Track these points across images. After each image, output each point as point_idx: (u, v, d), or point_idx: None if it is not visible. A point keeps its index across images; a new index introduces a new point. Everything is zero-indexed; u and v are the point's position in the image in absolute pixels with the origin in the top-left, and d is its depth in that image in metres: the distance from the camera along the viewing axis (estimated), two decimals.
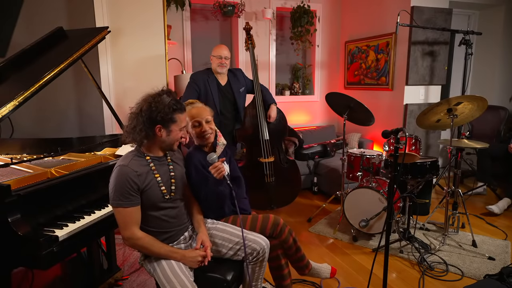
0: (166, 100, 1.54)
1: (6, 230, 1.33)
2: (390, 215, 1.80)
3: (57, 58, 2.08)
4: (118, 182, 1.49)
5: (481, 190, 4.03)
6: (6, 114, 1.71)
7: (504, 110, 4.42)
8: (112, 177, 1.52)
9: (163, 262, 1.57)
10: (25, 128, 3.06)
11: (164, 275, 1.53)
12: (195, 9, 4.23)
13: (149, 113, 1.53)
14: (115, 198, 1.49)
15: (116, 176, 1.50)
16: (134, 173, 1.51)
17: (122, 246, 2.86)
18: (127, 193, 1.49)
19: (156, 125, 1.54)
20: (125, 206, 1.49)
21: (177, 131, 1.59)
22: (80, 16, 3.24)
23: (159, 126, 1.54)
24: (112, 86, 3.09)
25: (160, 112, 1.52)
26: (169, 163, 1.68)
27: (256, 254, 1.74)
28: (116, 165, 1.54)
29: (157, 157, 1.63)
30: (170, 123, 1.55)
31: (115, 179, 1.50)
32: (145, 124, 1.53)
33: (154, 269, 1.58)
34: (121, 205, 1.49)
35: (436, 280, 2.38)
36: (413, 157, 2.74)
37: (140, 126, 1.54)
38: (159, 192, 1.59)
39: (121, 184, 1.48)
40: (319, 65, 4.98)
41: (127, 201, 1.49)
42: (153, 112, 1.52)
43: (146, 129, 1.54)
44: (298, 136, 4.09)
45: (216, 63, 2.95)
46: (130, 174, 1.50)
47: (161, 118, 1.52)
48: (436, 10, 3.87)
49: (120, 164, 1.53)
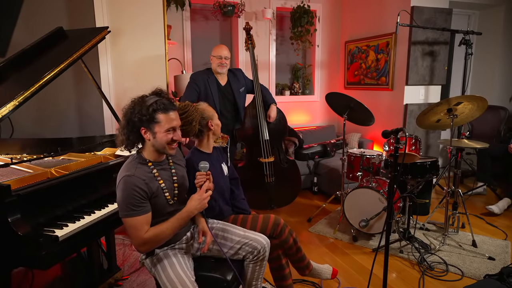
0: (150, 101, 1.48)
1: (6, 230, 1.32)
2: (390, 215, 1.80)
3: (57, 58, 2.07)
4: (126, 193, 1.43)
5: (481, 190, 4.03)
6: (6, 114, 1.70)
7: (504, 110, 4.42)
8: (119, 189, 1.46)
9: (164, 261, 1.57)
10: (25, 128, 3.06)
11: (166, 274, 1.53)
12: (195, 9, 4.23)
13: (129, 115, 1.49)
14: (125, 209, 1.43)
15: (123, 188, 1.44)
16: (141, 181, 1.46)
17: (122, 246, 2.86)
18: (137, 202, 1.44)
19: (139, 128, 1.48)
20: (136, 216, 1.44)
21: (162, 133, 1.48)
22: (80, 16, 3.24)
23: (144, 129, 1.48)
24: (112, 86, 3.09)
25: (137, 113, 1.46)
26: (171, 167, 1.64)
27: (257, 252, 1.74)
28: (121, 176, 1.47)
29: (159, 162, 1.59)
30: (152, 124, 1.48)
31: (123, 191, 1.44)
32: (127, 126, 1.49)
33: (156, 268, 1.58)
34: (133, 215, 1.43)
35: (436, 280, 2.38)
36: (413, 157, 2.74)
37: (124, 129, 1.50)
38: (163, 198, 1.55)
39: (129, 195, 1.43)
40: (319, 65, 4.98)
41: (138, 210, 1.44)
42: (132, 113, 1.47)
43: (129, 132, 1.49)
44: (298, 136, 4.09)
45: (216, 63, 2.95)
46: (137, 183, 1.45)
47: (138, 119, 1.46)
48: (436, 10, 3.87)
49: (126, 174, 1.46)
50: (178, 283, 1.48)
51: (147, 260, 1.63)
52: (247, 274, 1.79)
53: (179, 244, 1.68)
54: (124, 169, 1.51)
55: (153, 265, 1.60)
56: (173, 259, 1.58)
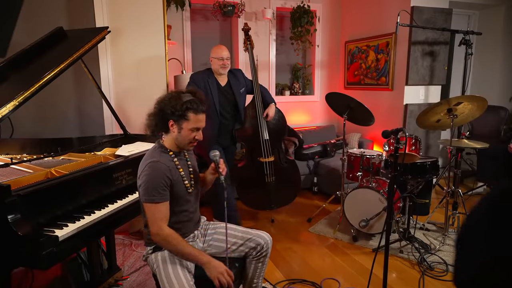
0: (185, 98, 1.58)
1: (6, 230, 1.32)
2: (390, 215, 1.81)
3: (57, 58, 2.07)
4: (153, 177, 1.51)
5: (481, 190, 4.03)
6: (6, 114, 1.70)
7: (504, 110, 4.42)
8: (145, 174, 1.53)
9: (168, 262, 1.58)
10: (25, 128, 3.06)
11: (166, 274, 1.54)
12: (195, 9, 4.23)
13: (163, 105, 1.58)
14: (148, 194, 1.51)
15: (150, 172, 1.52)
16: (167, 168, 1.56)
17: (122, 246, 2.86)
18: (161, 188, 1.52)
19: (169, 119, 1.57)
20: (157, 202, 1.52)
21: (187, 130, 1.59)
22: (80, 16, 3.24)
23: (172, 121, 1.57)
24: (112, 86, 3.09)
25: (172, 106, 1.56)
26: (187, 159, 1.74)
27: (260, 248, 1.75)
28: (147, 162, 1.56)
29: (177, 152, 1.67)
30: (181, 120, 1.57)
31: (149, 175, 1.52)
32: (158, 114, 1.59)
33: (158, 266, 1.59)
34: (154, 201, 1.51)
35: (436, 280, 2.39)
36: (413, 157, 2.74)
37: (155, 116, 1.60)
38: (183, 187, 1.64)
39: (156, 179, 1.51)
40: (319, 65, 4.98)
41: (160, 196, 1.52)
42: (167, 105, 1.57)
43: (158, 120, 1.59)
44: (298, 136, 4.09)
45: (218, 64, 2.94)
46: (163, 169, 1.54)
47: (171, 112, 1.55)
48: (436, 10, 3.87)
49: (152, 160, 1.55)
50: (176, 284, 1.50)
51: (152, 255, 1.64)
52: (248, 272, 1.79)
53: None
54: (148, 156, 1.60)
55: (156, 262, 1.61)
56: (177, 260, 1.60)
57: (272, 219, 3.45)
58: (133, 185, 2.02)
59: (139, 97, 3.10)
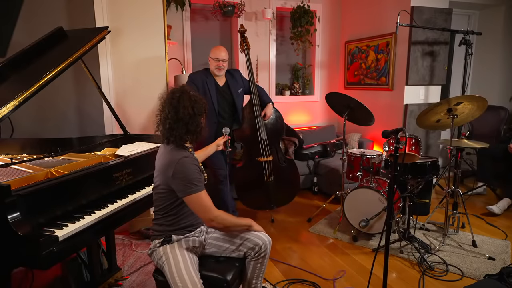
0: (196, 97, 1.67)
1: (6, 230, 1.32)
2: (390, 215, 1.80)
3: (57, 58, 2.07)
4: (192, 170, 1.59)
5: (481, 190, 4.03)
6: (6, 114, 1.70)
7: (504, 110, 4.42)
8: (184, 169, 1.58)
9: (178, 255, 1.61)
10: (25, 128, 3.06)
11: (176, 266, 1.58)
12: (195, 9, 4.23)
13: (193, 103, 1.62)
14: (191, 186, 1.57)
15: (188, 166, 1.59)
16: (196, 160, 1.67)
17: (122, 246, 2.86)
18: (200, 177, 1.63)
19: (201, 116, 1.66)
20: (200, 191, 1.59)
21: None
22: (80, 16, 3.24)
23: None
24: (112, 86, 3.09)
25: (202, 103, 1.66)
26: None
27: (258, 248, 1.75)
28: (178, 159, 1.60)
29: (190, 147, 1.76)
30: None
31: (188, 169, 1.59)
32: (192, 116, 1.62)
33: (167, 259, 1.61)
34: (198, 190, 1.59)
35: (436, 280, 2.38)
36: (413, 157, 2.74)
37: (187, 120, 1.61)
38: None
39: (194, 171, 1.60)
40: (319, 65, 4.98)
41: (201, 185, 1.61)
42: (197, 102, 1.64)
43: (192, 120, 1.62)
44: (298, 136, 4.09)
45: (214, 65, 2.96)
46: (195, 162, 1.64)
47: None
48: (436, 10, 3.87)
49: (184, 155, 1.61)
50: (186, 276, 1.54)
51: (160, 248, 1.66)
52: (247, 272, 1.80)
53: (192, 236, 1.72)
54: (174, 154, 1.62)
55: (165, 255, 1.63)
56: (185, 253, 1.64)
57: (272, 219, 3.45)
58: (133, 185, 2.03)
59: (139, 97, 3.10)
